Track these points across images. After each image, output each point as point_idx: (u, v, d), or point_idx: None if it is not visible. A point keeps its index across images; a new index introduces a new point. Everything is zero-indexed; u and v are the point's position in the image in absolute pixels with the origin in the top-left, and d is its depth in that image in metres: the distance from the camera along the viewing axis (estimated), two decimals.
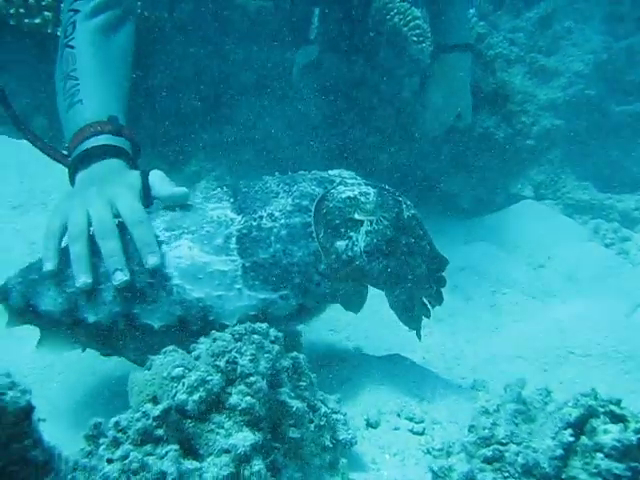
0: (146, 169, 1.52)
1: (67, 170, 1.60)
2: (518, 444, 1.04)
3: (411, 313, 1.53)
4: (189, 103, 2.76)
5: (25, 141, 2.50)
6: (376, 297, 1.50)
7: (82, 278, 1.33)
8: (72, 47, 1.72)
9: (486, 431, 1.07)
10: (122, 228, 1.40)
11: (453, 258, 1.59)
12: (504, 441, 1.05)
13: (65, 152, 1.66)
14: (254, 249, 1.37)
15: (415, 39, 3.32)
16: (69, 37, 1.74)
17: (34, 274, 1.39)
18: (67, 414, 1.45)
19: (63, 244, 1.41)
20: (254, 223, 1.40)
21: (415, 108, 2.91)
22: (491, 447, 1.05)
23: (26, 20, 2.50)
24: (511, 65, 3.37)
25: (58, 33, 2.46)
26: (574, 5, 4.07)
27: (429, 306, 1.56)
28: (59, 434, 1.03)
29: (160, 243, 1.38)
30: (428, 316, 1.56)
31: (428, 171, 2.98)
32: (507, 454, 1.03)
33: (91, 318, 1.34)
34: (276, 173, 1.55)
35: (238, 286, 1.35)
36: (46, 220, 1.43)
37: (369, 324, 1.82)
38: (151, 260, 1.34)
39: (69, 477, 0.97)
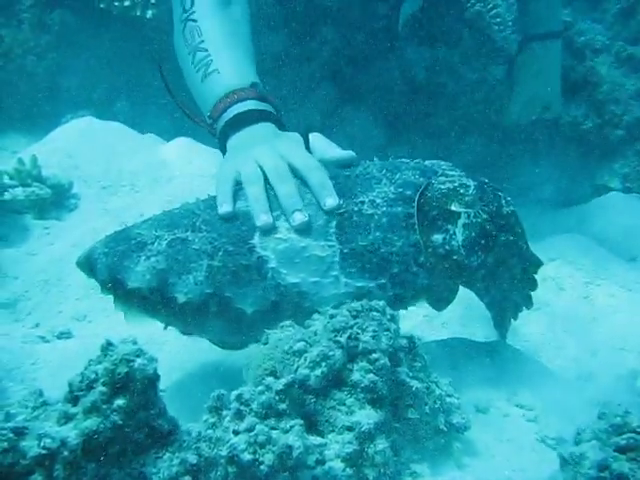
0: (302, 131, 1.50)
1: (217, 138, 1.60)
2: None
3: (503, 315, 1.50)
4: None
5: (112, 122, 2.55)
6: None
7: (263, 217, 1.32)
8: (195, 20, 1.74)
9: (618, 419, 1.02)
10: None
11: (542, 249, 1.54)
12: (639, 430, 1.01)
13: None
14: (353, 235, 1.32)
15: (496, 27, 3.26)
16: (189, 12, 1.75)
17: (121, 245, 1.35)
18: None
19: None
20: (355, 208, 1.35)
21: (500, 96, 2.86)
22: (625, 435, 1.00)
23: (116, 3, 2.52)
24: (597, 54, 3.28)
25: (148, 16, 2.50)
26: None
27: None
28: None
29: None
30: (515, 319, 1.52)
31: (510, 160, 2.92)
32: None
33: (181, 298, 1.29)
34: (375, 158, 1.49)
35: (335, 273, 1.30)
36: (215, 181, 1.42)
37: (464, 311, 1.77)
38: (329, 202, 1.33)
39: (193, 447, 0.96)
